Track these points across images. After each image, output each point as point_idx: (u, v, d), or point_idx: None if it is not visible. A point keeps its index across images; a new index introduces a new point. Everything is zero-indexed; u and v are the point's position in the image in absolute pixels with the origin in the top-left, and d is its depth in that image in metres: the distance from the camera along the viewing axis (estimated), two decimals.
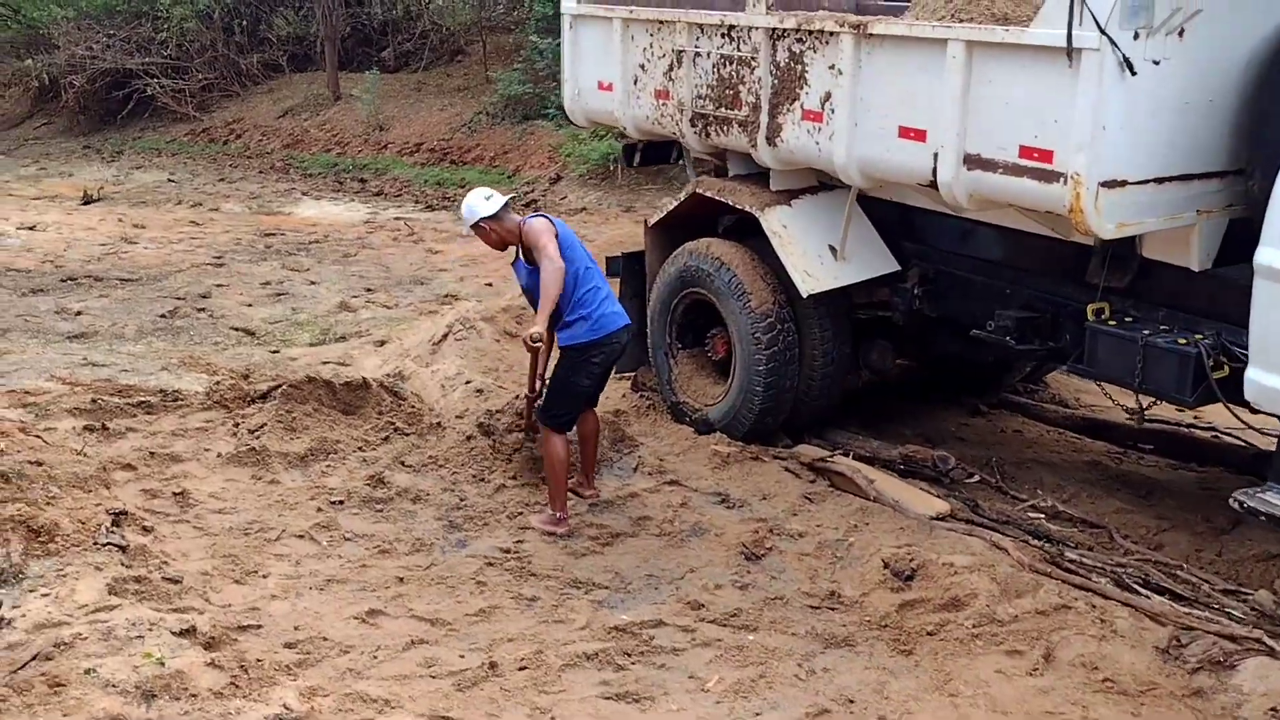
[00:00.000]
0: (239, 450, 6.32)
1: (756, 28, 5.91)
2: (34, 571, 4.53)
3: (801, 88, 5.76)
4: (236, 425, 6.70)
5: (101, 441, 6.34)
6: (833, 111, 5.59)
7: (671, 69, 6.60)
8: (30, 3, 22.14)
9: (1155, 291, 5.16)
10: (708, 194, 6.51)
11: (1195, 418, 7.13)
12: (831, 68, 5.55)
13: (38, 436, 6.05)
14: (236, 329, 9.24)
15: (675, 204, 6.82)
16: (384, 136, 20.94)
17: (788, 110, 5.86)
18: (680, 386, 6.82)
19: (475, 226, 5.60)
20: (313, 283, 10.91)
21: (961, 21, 4.89)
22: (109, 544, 4.81)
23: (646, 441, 6.67)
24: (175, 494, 5.80)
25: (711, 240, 6.56)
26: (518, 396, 6.59)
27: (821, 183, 6.42)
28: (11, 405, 6.62)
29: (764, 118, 5.99)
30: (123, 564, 4.71)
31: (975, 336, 5.68)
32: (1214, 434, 6.62)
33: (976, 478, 6.03)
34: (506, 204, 5.59)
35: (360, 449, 6.48)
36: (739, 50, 6.11)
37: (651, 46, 6.72)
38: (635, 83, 6.91)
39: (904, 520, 5.52)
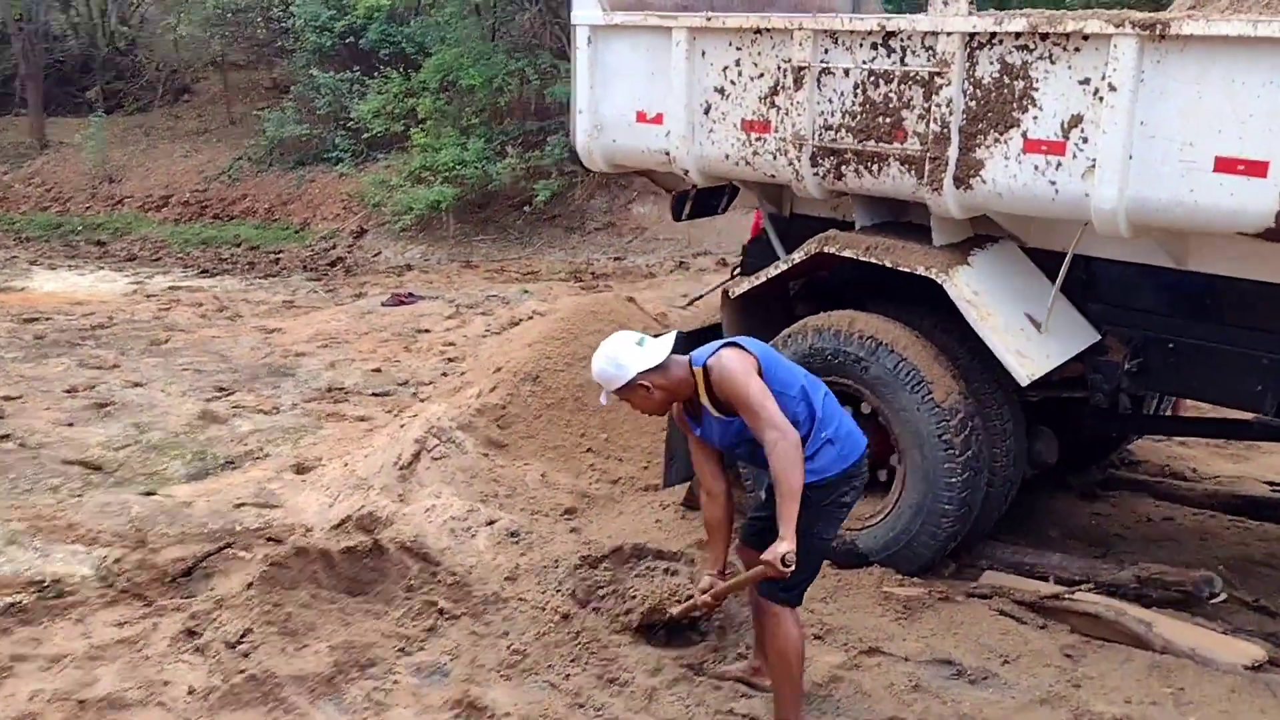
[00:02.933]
0: (227, 679, 4.10)
1: (946, 33, 4.44)
2: None
3: (1024, 111, 4.34)
4: (193, 634, 4.44)
5: None
6: (1084, 141, 4.21)
7: (776, 92, 5.00)
8: None
9: None
10: (847, 254, 4.94)
11: None
12: (1085, 83, 4.17)
13: None
14: (71, 462, 6.68)
15: (784, 267, 5.19)
16: (116, 189, 17.84)
17: (996, 141, 4.42)
18: None
19: (628, 387, 3.74)
20: (136, 384, 8.33)
21: None
22: None
23: None
24: None
25: (855, 315, 4.99)
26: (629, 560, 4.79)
27: (979, 234, 5.04)
28: None
29: (952, 151, 4.52)
30: None
31: (1261, 422, 4.45)
32: None
33: (1223, 596, 4.79)
34: (674, 345, 3.78)
35: (403, 650, 4.41)
36: (905, 65, 4.61)
37: (740, 64, 5.10)
38: (707, 112, 5.25)
39: (1223, 678, 4.19)
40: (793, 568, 3.42)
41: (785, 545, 3.41)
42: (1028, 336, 4.69)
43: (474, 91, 13.60)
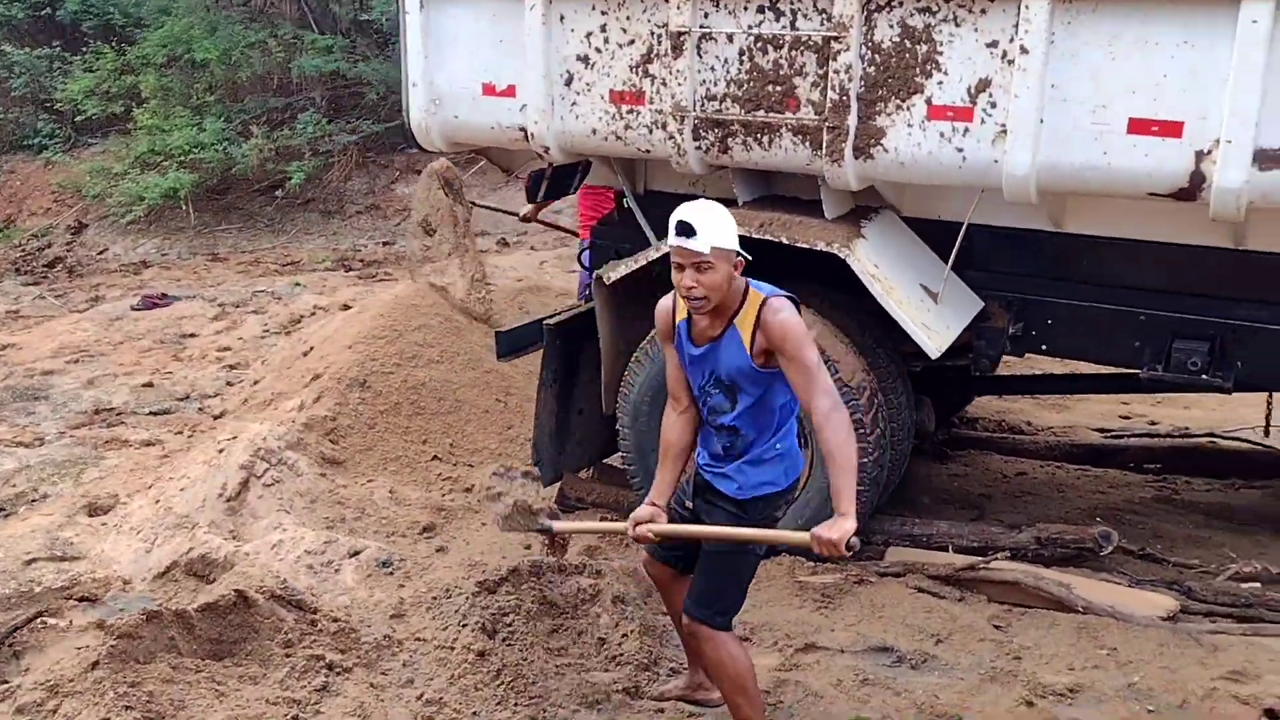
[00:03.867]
0: None
1: None
2: None
3: (928, 76, 4.19)
4: None
5: None
6: (993, 106, 4.11)
7: (651, 60, 4.64)
8: None
9: None
10: (740, 232, 4.61)
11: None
12: (993, 45, 4.06)
13: None
14: None
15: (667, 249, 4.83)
16: None
17: (898, 108, 4.26)
18: None
19: (724, 252, 3.28)
20: None
21: None
22: None
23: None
24: None
25: None
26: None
27: (859, 205, 4.89)
28: None
29: (851, 120, 4.32)
30: None
31: (1151, 377, 4.54)
32: (1210, 440, 6.16)
33: (1111, 547, 4.90)
34: None
35: (297, 719, 3.78)
36: (796, 29, 4.36)
37: (607, 30, 4.69)
38: (569, 83, 4.82)
39: (1146, 633, 4.26)
40: (855, 551, 3.06)
41: (850, 523, 3.04)
42: (928, 308, 4.59)
43: (207, 66, 12.33)
